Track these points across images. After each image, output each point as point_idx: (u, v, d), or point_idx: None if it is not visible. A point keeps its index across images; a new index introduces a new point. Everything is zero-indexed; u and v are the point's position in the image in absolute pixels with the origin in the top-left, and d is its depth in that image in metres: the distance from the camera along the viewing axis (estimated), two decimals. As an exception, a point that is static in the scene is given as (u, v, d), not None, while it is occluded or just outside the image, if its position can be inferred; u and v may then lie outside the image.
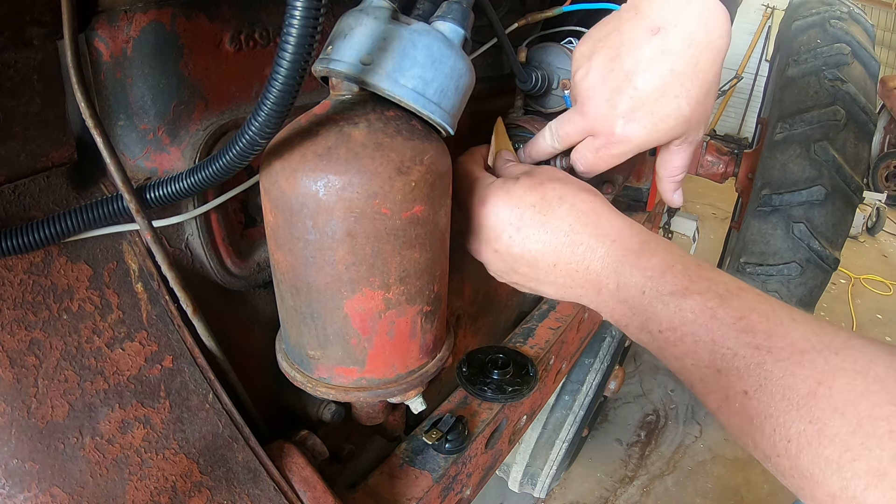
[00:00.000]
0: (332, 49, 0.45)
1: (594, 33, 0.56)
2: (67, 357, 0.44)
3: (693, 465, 2.34)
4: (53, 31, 0.42)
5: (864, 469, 0.32)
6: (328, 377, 0.52)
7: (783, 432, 0.36)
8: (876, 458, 0.32)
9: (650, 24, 0.51)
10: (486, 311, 1.07)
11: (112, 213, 0.45)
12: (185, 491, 0.47)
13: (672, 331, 0.44)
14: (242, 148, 0.40)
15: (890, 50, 5.98)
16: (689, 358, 0.43)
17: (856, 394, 0.34)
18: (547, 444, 1.69)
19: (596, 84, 0.54)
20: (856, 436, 0.33)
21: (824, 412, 0.35)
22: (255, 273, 0.60)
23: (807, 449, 0.35)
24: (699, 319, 0.43)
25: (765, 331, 0.40)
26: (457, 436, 0.74)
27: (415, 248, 0.47)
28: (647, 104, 0.52)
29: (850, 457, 0.33)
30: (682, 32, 0.50)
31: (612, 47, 0.53)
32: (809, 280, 1.69)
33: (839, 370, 0.36)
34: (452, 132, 0.49)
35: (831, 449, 0.34)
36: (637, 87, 0.52)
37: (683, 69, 0.51)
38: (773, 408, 0.37)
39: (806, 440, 0.35)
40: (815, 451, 0.34)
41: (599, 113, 0.54)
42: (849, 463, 0.33)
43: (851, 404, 0.34)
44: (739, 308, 0.42)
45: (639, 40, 0.51)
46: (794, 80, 1.76)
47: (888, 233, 4.79)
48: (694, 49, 0.50)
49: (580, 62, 0.56)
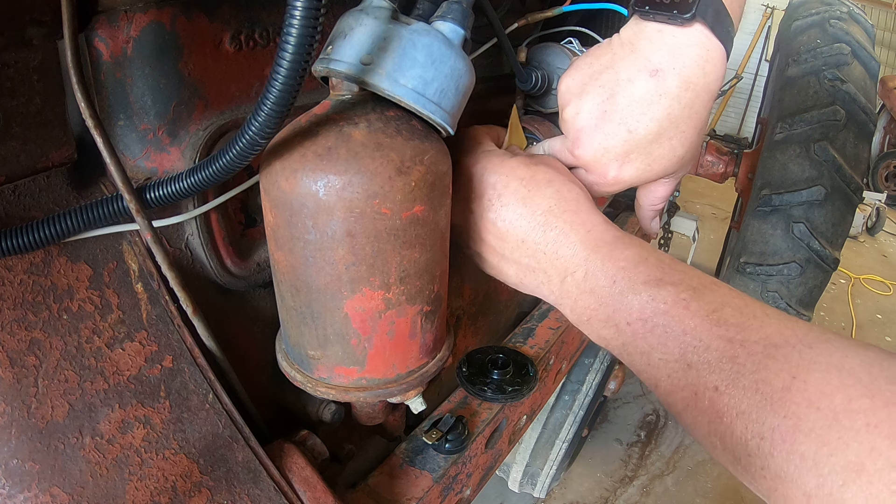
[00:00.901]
0: (332, 49, 0.45)
1: (584, 67, 0.54)
2: (67, 357, 0.44)
3: (693, 465, 2.34)
4: (53, 31, 0.42)
5: (842, 464, 0.31)
6: (328, 377, 0.52)
7: (756, 429, 0.34)
8: (853, 453, 0.30)
9: (647, 65, 0.49)
10: (486, 311, 1.07)
11: (112, 213, 0.45)
12: (185, 491, 0.47)
13: (642, 322, 0.42)
14: (242, 148, 0.40)
15: (890, 50, 5.99)
16: (658, 352, 0.41)
17: (831, 387, 0.33)
18: (547, 444, 1.69)
19: (589, 126, 0.53)
20: (832, 430, 0.32)
21: (799, 406, 0.33)
22: (255, 273, 0.60)
23: (781, 446, 0.33)
24: (672, 310, 0.41)
25: (738, 324, 0.39)
26: (457, 436, 0.74)
27: (415, 248, 0.47)
28: (642, 146, 0.52)
29: (826, 452, 0.31)
30: (680, 76, 0.49)
31: (606, 87, 0.51)
32: (809, 280, 1.69)
33: (813, 364, 0.34)
34: (452, 132, 0.49)
35: (807, 445, 0.32)
36: (632, 131, 0.51)
37: (679, 112, 0.50)
38: (745, 403, 0.35)
39: (780, 436, 0.33)
40: (789, 448, 0.33)
41: (592, 156, 0.53)
42: (825, 458, 0.31)
43: (827, 398, 0.33)
44: (713, 301, 0.41)
45: (635, 81, 0.50)
46: (794, 80, 1.76)
47: (888, 233, 4.79)
48: (691, 92, 0.49)
49: (569, 98, 0.54)
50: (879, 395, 0.32)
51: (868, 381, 0.33)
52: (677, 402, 0.41)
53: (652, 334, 0.42)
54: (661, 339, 0.41)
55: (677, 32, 0.48)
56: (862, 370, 0.33)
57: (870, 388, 0.32)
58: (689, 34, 0.48)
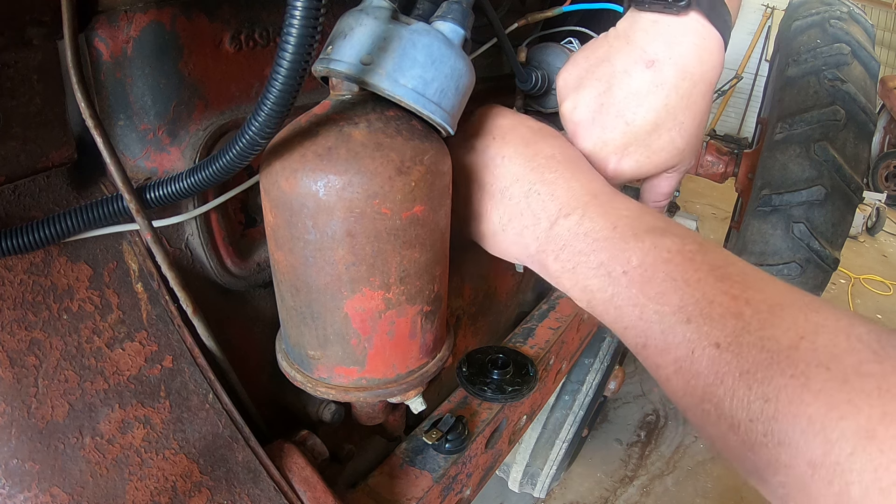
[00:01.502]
0: (332, 49, 0.45)
1: (580, 60, 0.54)
2: (67, 357, 0.44)
3: (693, 465, 2.34)
4: (53, 31, 0.42)
5: (852, 429, 0.28)
6: (328, 377, 0.52)
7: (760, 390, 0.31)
8: (865, 417, 0.28)
9: (643, 56, 0.49)
10: (486, 311, 1.07)
11: (112, 213, 0.45)
12: (185, 491, 0.47)
13: (642, 270, 0.39)
14: (242, 148, 0.40)
15: (890, 50, 5.99)
16: (655, 303, 0.38)
17: (840, 349, 0.31)
18: (547, 444, 1.69)
19: (586, 120, 0.52)
20: (842, 392, 0.29)
21: (809, 366, 0.30)
22: (255, 273, 0.60)
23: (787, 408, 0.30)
24: (675, 259, 0.39)
25: (743, 282, 0.36)
26: (457, 436, 0.74)
27: (415, 248, 0.47)
28: (640, 139, 0.51)
29: (836, 415, 0.29)
30: (676, 66, 0.48)
31: (603, 80, 0.51)
32: (809, 280, 1.69)
33: (821, 327, 0.32)
34: (452, 132, 0.49)
35: (815, 407, 0.29)
36: (629, 123, 0.50)
37: (677, 103, 0.49)
38: (750, 361, 0.32)
39: (787, 397, 0.30)
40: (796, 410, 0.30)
41: (591, 149, 0.53)
42: (835, 422, 0.28)
43: (837, 359, 0.30)
44: (717, 258, 0.39)
45: (631, 73, 0.49)
46: (794, 80, 1.76)
47: (888, 233, 4.79)
48: (688, 82, 0.49)
49: (566, 92, 0.54)
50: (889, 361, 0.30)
51: (878, 347, 0.30)
52: (668, 362, 0.37)
53: (650, 284, 0.39)
54: (661, 289, 0.38)
55: (672, 22, 0.47)
56: (870, 337, 0.31)
57: (879, 354, 0.30)
58: (684, 23, 0.47)
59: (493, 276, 1.06)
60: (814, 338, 0.32)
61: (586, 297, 0.44)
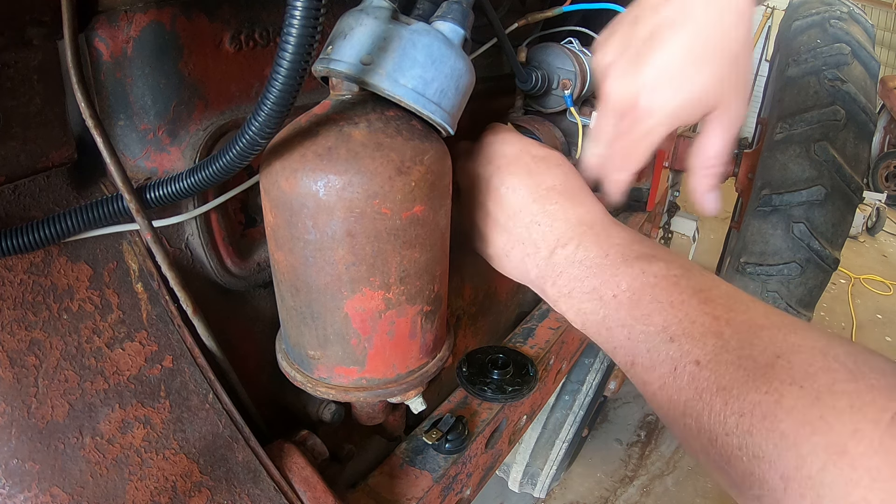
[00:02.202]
0: (333, 49, 0.45)
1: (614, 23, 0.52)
2: (67, 357, 0.44)
3: (693, 465, 2.34)
4: (53, 31, 0.42)
5: (823, 445, 0.29)
6: (328, 377, 0.52)
7: (736, 406, 0.33)
8: (836, 434, 0.29)
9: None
10: (486, 311, 1.07)
11: (112, 213, 0.45)
12: (185, 491, 0.47)
13: (630, 293, 0.42)
14: (242, 148, 0.40)
15: (890, 50, 5.98)
16: (641, 324, 0.40)
17: (815, 368, 0.32)
18: (547, 444, 1.69)
19: (615, 58, 0.50)
20: (815, 408, 0.30)
21: (783, 383, 0.32)
22: (255, 273, 0.60)
23: (761, 423, 0.32)
24: (661, 283, 0.41)
25: (725, 304, 0.38)
26: (457, 436, 0.74)
27: (415, 248, 0.47)
28: (671, 70, 0.47)
29: (808, 431, 0.30)
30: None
31: (630, 17, 0.50)
32: (809, 280, 1.69)
33: (798, 346, 0.34)
34: (452, 132, 0.49)
35: (788, 423, 0.31)
36: (658, 53, 0.47)
37: (707, 32, 0.46)
38: (727, 378, 0.34)
39: (761, 413, 0.32)
40: (769, 426, 0.31)
41: (621, 87, 0.50)
42: (806, 438, 0.30)
43: (811, 377, 0.31)
44: (702, 282, 0.41)
45: (657, 5, 0.48)
46: (794, 80, 1.76)
47: (888, 233, 4.79)
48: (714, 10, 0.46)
49: (599, 46, 0.52)
50: (863, 380, 0.31)
51: (853, 367, 0.32)
52: (654, 379, 0.39)
53: (637, 307, 0.41)
54: (647, 310, 0.41)
55: None
56: (846, 357, 0.32)
57: (854, 373, 0.31)
58: None
59: (493, 276, 1.06)
60: (790, 357, 0.33)
61: (581, 318, 0.47)
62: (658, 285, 0.41)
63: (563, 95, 0.72)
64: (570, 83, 0.71)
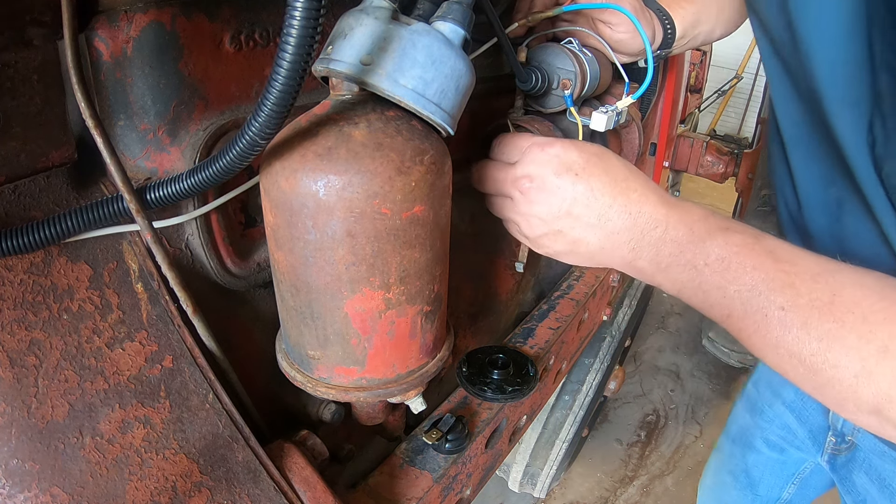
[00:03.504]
0: (333, 49, 0.45)
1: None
2: (67, 357, 0.44)
3: (693, 465, 2.34)
4: (53, 32, 0.42)
5: (874, 349, 0.44)
6: (328, 377, 0.52)
7: (815, 333, 0.47)
8: (880, 339, 0.44)
9: None
10: (486, 311, 1.07)
11: (112, 213, 0.45)
12: (185, 491, 0.47)
13: (720, 261, 0.52)
14: (243, 148, 0.40)
15: (890, 50, 5.96)
16: (733, 284, 0.51)
17: (857, 297, 0.46)
18: (547, 444, 1.69)
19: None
20: (864, 325, 0.45)
21: (843, 313, 0.46)
22: (255, 273, 0.60)
23: (834, 343, 0.46)
24: (742, 251, 0.52)
25: (790, 260, 0.50)
26: (457, 436, 0.74)
27: (415, 248, 0.47)
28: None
29: (864, 341, 0.44)
30: None
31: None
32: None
33: (844, 284, 0.47)
34: (452, 132, 0.49)
35: (851, 337, 0.45)
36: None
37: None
38: (805, 315, 0.47)
39: (833, 335, 0.46)
40: (840, 342, 0.45)
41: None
42: (865, 346, 0.44)
43: (857, 305, 0.46)
44: (768, 245, 0.52)
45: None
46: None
47: (888, 233, 4.78)
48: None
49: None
50: (889, 298, 0.45)
51: (880, 290, 0.46)
52: (749, 325, 0.51)
53: (728, 270, 0.52)
54: (736, 273, 0.51)
55: None
56: (875, 284, 0.47)
57: (882, 295, 0.46)
58: None
59: (493, 276, 1.06)
60: (841, 292, 0.47)
61: (678, 286, 0.56)
62: (740, 252, 0.51)
63: (563, 95, 0.72)
64: (570, 83, 0.71)
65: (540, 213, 0.60)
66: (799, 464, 1.06)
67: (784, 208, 0.76)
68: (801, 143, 0.67)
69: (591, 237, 0.59)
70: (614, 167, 0.58)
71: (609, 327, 1.70)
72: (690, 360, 2.93)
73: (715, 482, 1.25)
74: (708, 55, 2.55)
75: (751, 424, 1.10)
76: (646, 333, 3.08)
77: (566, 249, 0.62)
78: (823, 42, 0.54)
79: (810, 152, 0.66)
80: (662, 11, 0.80)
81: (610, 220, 0.57)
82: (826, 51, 0.54)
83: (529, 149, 0.59)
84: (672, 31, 0.81)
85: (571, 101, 0.71)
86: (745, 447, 1.13)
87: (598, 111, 0.72)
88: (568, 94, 0.71)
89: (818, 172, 0.65)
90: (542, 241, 0.62)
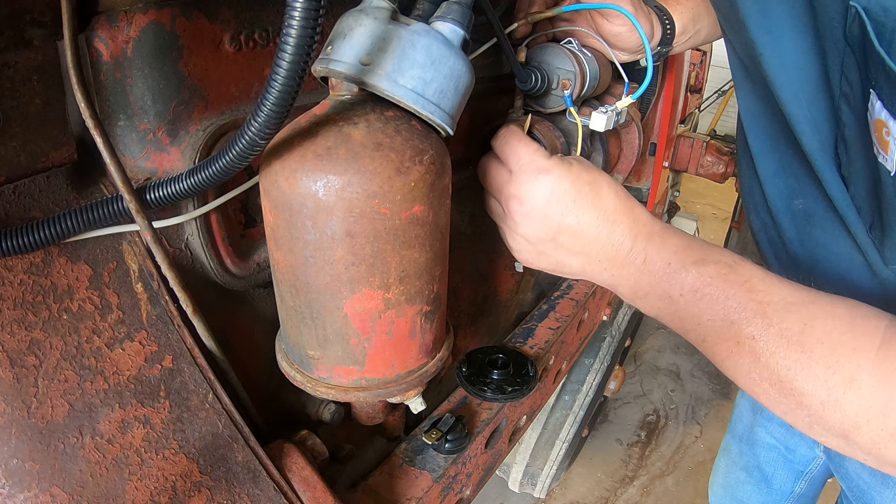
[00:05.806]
0: (332, 49, 0.45)
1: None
2: (67, 357, 0.44)
3: (693, 465, 2.34)
4: (53, 32, 0.42)
5: (840, 379, 0.46)
6: (328, 377, 0.52)
7: (784, 362, 0.49)
8: (847, 370, 0.46)
9: None
10: (486, 311, 1.07)
11: (112, 213, 0.45)
12: (185, 491, 0.47)
13: (693, 292, 0.55)
14: (242, 148, 0.40)
15: (890, 50, 5.96)
16: (706, 314, 0.54)
17: (829, 327, 0.48)
18: (547, 444, 1.69)
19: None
20: (832, 356, 0.47)
21: (812, 344, 0.48)
22: (255, 273, 0.60)
23: (802, 372, 0.48)
24: (715, 282, 0.54)
25: (763, 290, 0.52)
26: (457, 436, 0.74)
27: (414, 248, 0.47)
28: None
29: (831, 371, 0.46)
30: None
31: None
32: (809, 280, 1.69)
33: (815, 314, 0.49)
34: (452, 132, 0.49)
35: (818, 368, 0.47)
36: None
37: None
38: (775, 345, 0.49)
39: (801, 365, 0.48)
40: (807, 372, 0.47)
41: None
42: (831, 376, 0.46)
43: (827, 335, 0.48)
44: (744, 274, 0.53)
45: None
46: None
47: (888, 233, 4.78)
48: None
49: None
50: (858, 329, 0.47)
51: (850, 321, 0.48)
52: (721, 351, 0.53)
53: (701, 301, 0.54)
54: (709, 303, 0.53)
55: None
56: (846, 314, 0.49)
57: (851, 326, 0.48)
58: None
59: (493, 276, 1.06)
60: (812, 323, 0.49)
61: (655, 312, 0.59)
62: (713, 283, 0.54)
63: (562, 95, 0.72)
64: (569, 83, 0.71)
65: (526, 235, 0.61)
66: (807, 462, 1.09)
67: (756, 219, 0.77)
68: (767, 156, 0.69)
69: (574, 262, 0.62)
70: (604, 199, 0.59)
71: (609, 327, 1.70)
72: (690, 360, 2.93)
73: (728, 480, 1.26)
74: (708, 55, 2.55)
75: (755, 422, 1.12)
76: (646, 333, 3.08)
77: (549, 267, 0.64)
78: (784, 69, 0.55)
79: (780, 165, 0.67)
80: (660, 8, 0.80)
81: (592, 251, 0.60)
82: (786, 75, 0.55)
83: (524, 168, 0.59)
84: (671, 27, 0.81)
85: (571, 101, 0.71)
86: (753, 444, 1.15)
87: (598, 111, 0.72)
88: (567, 94, 0.71)
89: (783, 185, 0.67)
90: (525, 256, 0.64)
